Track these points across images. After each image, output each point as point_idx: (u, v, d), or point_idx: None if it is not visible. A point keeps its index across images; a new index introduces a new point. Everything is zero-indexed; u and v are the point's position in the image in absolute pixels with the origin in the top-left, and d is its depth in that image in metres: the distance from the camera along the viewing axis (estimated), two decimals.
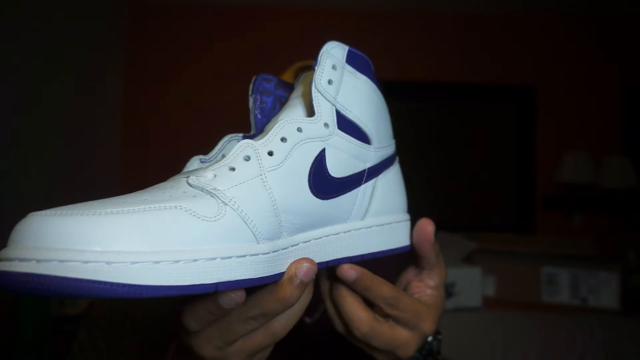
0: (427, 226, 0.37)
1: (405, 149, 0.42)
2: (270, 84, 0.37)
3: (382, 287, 0.35)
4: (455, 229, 1.84)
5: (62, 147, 1.91)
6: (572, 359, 1.40)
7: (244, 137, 0.36)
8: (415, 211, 0.41)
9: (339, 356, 0.50)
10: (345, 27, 2.53)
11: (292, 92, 0.38)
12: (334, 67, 0.34)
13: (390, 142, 0.39)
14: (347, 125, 0.35)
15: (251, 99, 0.36)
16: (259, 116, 0.36)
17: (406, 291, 0.40)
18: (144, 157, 2.47)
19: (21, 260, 0.23)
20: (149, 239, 0.24)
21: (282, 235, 0.30)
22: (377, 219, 0.37)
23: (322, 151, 0.33)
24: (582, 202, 2.53)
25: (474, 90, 2.60)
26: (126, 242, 0.24)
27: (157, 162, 2.34)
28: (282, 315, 0.32)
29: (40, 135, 1.78)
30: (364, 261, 0.36)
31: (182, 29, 2.56)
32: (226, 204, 0.28)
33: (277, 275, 0.30)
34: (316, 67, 0.34)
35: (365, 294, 0.35)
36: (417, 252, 0.39)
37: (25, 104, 1.69)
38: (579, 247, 1.71)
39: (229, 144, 0.36)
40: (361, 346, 0.37)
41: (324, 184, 0.33)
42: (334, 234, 0.34)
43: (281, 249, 0.30)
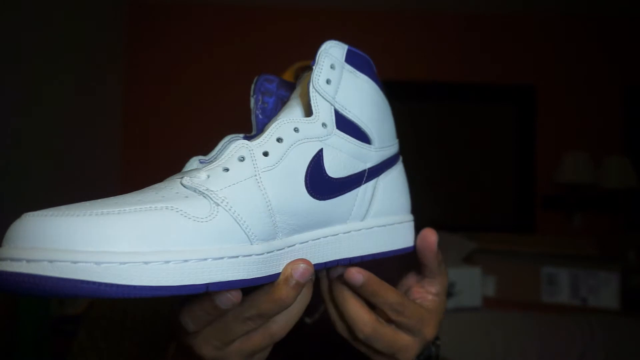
0: (430, 236, 0.37)
1: (405, 149, 0.41)
2: (272, 84, 0.37)
3: (388, 292, 0.35)
4: (455, 229, 1.84)
5: (62, 147, 1.91)
6: (572, 359, 1.40)
7: (245, 138, 0.36)
8: (415, 211, 0.40)
9: (339, 356, 0.50)
10: (345, 27, 2.53)
11: (293, 92, 0.38)
12: (333, 66, 0.34)
13: (392, 142, 0.38)
14: (346, 125, 0.34)
15: (252, 100, 0.36)
16: (260, 116, 0.36)
17: (407, 296, 0.40)
18: (144, 157, 2.47)
19: (12, 260, 0.23)
20: (138, 240, 0.24)
21: (277, 236, 0.30)
22: (379, 219, 0.36)
23: (320, 151, 0.33)
24: (582, 202, 2.53)
25: (474, 90, 2.60)
26: (115, 242, 0.24)
27: (157, 162, 2.34)
28: (281, 316, 0.32)
29: (40, 135, 1.78)
30: (364, 263, 0.36)
31: (182, 29, 2.56)
32: (218, 205, 0.28)
33: (272, 276, 0.30)
34: (314, 67, 0.34)
35: (371, 299, 0.35)
36: (419, 260, 0.39)
37: (25, 104, 1.69)
38: (579, 247, 1.70)
39: (229, 145, 0.36)
40: (362, 349, 0.37)
41: (322, 184, 0.32)
42: (333, 235, 0.34)
43: (276, 250, 0.30)
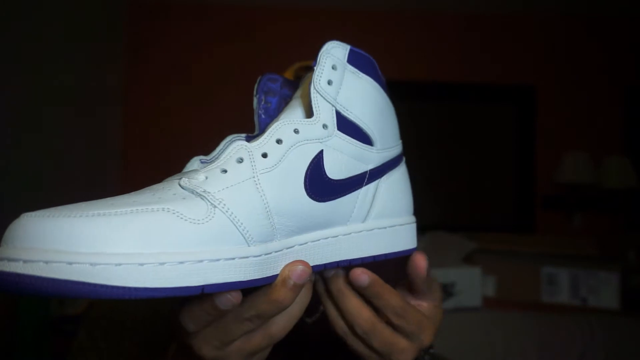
0: (420, 261, 0.37)
1: (405, 149, 0.41)
2: (275, 83, 0.37)
3: (391, 295, 0.36)
4: (455, 229, 1.84)
5: (62, 147, 1.91)
6: (572, 359, 1.40)
7: (247, 138, 0.36)
8: (415, 211, 0.40)
9: (339, 356, 0.50)
10: (345, 27, 2.53)
11: (295, 92, 0.38)
12: (334, 67, 0.34)
13: (395, 144, 0.38)
14: (347, 126, 0.34)
15: (255, 99, 0.36)
16: (263, 116, 0.35)
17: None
18: (144, 157, 2.47)
19: (9, 260, 0.23)
20: (133, 241, 0.24)
21: (275, 237, 0.30)
22: (380, 221, 0.36)
23: (320, 153, 0.32)
24: (582, 202, 2.53)
25: (474, 90, 2.60)
26: (111, 244, 0.24)
27: (157, 162, 2.34)
28: (280, 317, 0.32)
29: (40, 135, 1.78)
30: (364, 264, 0.36)
31: (182, 29, 2.56)
32: (215, 207, 0.28)
33: (270, 277, 0.30)
34: (315, 68, 0.33)
35: (373, 300, 0.36)
36: (410, 281, 0.39)
37: (25, 104, 1.69)
38: (579, 247, 1.70)
39: (229, 146, 0.36)
40: (359, 348, 0.37)
41: (322, 186, 0.32)
42: (333, 237, 0.34)
43: (274, 252, 0.30)
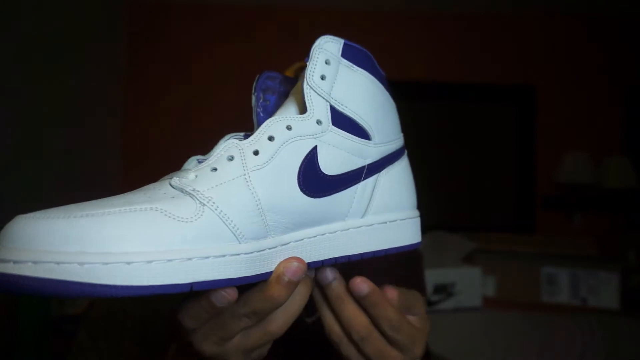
0: (390, 293, 0.36)
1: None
2: (274, 81, 0.36)
3: (388, 308, 0.35)
4: (455, 229, 1.84)
5: (62, 148, 1.91)
6: (572, 359, 1.40)
7: (246, 136, 0.36)
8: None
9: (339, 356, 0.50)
10: (345, 27, 2.52)
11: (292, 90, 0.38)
12: (327, 61, 0.33)
13: (395, 137, 0.37)
14: (343, 121, 0.34)
15: (254, 97, 0.36)
16: (262, 114, 0.35)
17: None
18: (144, 157, 2.47)
19: (0, 261, 0.23)
20: (121, 241, 0.25)
21: (269, 234, 0.30)
22: (380, 216, 0.36)
23: (314, 149, 0.32)
24: (582, 202, 2.52)
25: (474, 90, 2.60)
26: (98, 243, 0.24)
27: (158, 162, 2.34)
28: (279, 314, 0.32)
29: (40, 135, 1.78)
30: (353, 263, 0.35)
31: (182, 29, 2.56)
32: (204, 205, 0.28)
33: (265, 274, 0.30)
34: (308, 63, 0.33)
35: (370, 310, 0.35)
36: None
37: (25, 103, 1.69)
38: (579, 247, 1.70)
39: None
40: (352, 356, 0.37)
41: (316, 182, 0.32)
42: (331, 233, 0.33)
43: (268, 249, 0.30)
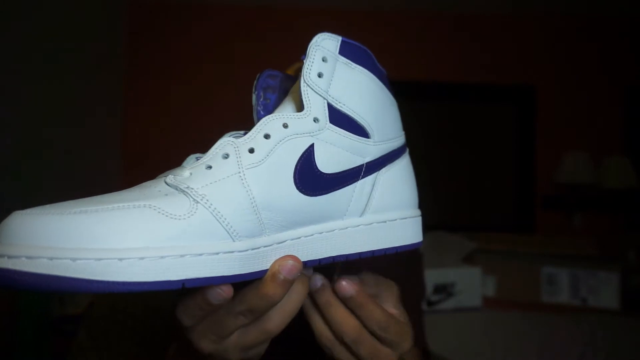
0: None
1: None
2: (275, 80, 0.36)
3: (375, 308, 0.35)
4: (455, 229, 1.84)
5: (62, 148, 1.91)
6: (572, 359, 1.40)
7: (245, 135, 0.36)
8: None
9: None
10: (345, 27, 2.52)
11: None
12: (325, 59, 0.33)
13: (396, 135, 0.37)
14: (341, 119, 0.33)
15: (254, 96, 0.36)
16: (262, 113, 0.35)
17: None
18: (144, 157, 2.47)
19: None
20: (113, 237, 0.25)
21: (264, 232, 0.30)
22: (379, 215, 0.35)
23: (311, 147, 0.32)
24: (582, 202, 2.52)
25: (474, 90, 2.60)
26: (91, 240, 0.25)
27: (158, 162, 2.34)
28: (275, 313, 0.32)
29: (40, 135, 1.78)
30: (356, 261, 0.35)
31: (182, 29, 2.56)
32: (198, 202, 0.28)
33: (259, 272, 0.30)
34: (305, 61, 0.33)
35: (357, 311, 0.35)
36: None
37: (25, 103, 1.69)
38: (579, 247, 1.70)
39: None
40: (342, 358, 0.37)
41: (313, 180, 0.32)
42: (328, 231, 0.33)
43: (263, 247, 0.30)
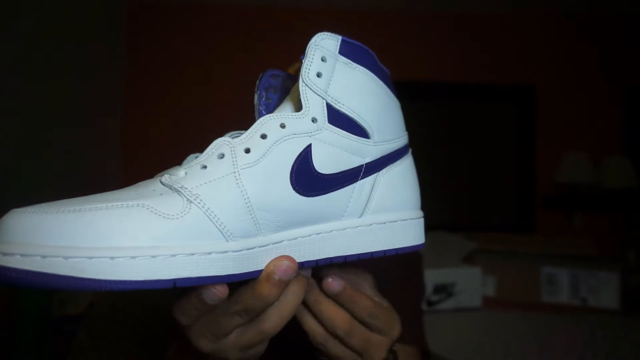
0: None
1: None
2: (277, 79, 0.36)
3: (363, 298, 0.36)
4: (455, 229, 1.84)
5: (62, 148, 1.91)
6: (572, 359, 1.40)
7: None
8: None
9: None
10: (345, 27, 2.52)
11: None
12: (324, 58, 0.33)
13: (396, 136, 0.37)
14: (340, 119, 0.33)
15: (256, 95, 0.36)
16: (264, 112, 0.35)
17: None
18: (144, 157, 2.47)
19: None
20: (106, 236, 0.25)
21: (260, 233, 0.30)
22: (379, 216, 0.35)
23: (308, 147, 0.32)
24: (582, 202, 2.52)
25: (474, 90, 2.60)
26: (84, 238, 0.25)
27: (158, 162, 2.34)
28: (272, 314, 0.32)
29: (40, 135, 1.78)
30: (365, 261, 0.35)
31: (182, 29, 2.56)
32: (191, 202, 0.28)
33: (254, 272, 0.30)
34: (303, 60, 0.33)
35: (347, 305, 0.35)
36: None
37: (25, 103, 1.69)
38: (579, 247, 1.70)
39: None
40: (339, 352, 0.37)
41: (310, 180, 0.32)
42: (327, 232, 0.33)
43: (259, 247, 0.30)
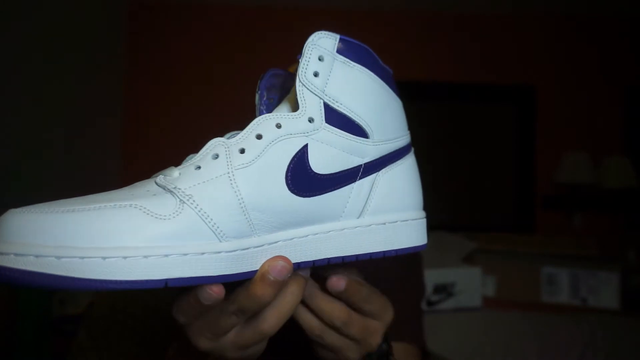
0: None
1: None
2: (279, 79, 0.36)
3: (361, 287, 0.36)
4: (455, 229, 1.84)
5: (62, 148, 1.91)
6: (572, 359, 1.40)
7: None
8: None
9: None
10: (345, 27, 2.52)
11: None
12: (321, 58, 0.32)
13: (398, 135, 0.36)
14: (338, 118, 0.33)
15: (257, 95, 0.35)
16: (265, 112, 0.35)
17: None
18: (144, 157, 2.47)
19: None
20: (97, 236, 0.26)
21: (254, 233, 0.30)
22: (378, 217, 0.35)
23: (304, 147, 0.32)
24: (582, 202, 2.53)
25: (474, 90, 2.60)
26: (76, 238, 0.25)
27: (158, 162, 2.34)
28: (270, 314, 0.32)
29: (40, 135, 1.78)
30: (364, 262, 0.35)
31: (182, 29, 2.56)
32: (184, 202, 0.28)
33: (248, 273, 0.30)
34: (300, 60, 0.32)
35: (349, 299, 0.36)
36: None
37: (25, 103, 1.69)
38: (579, 247, 1.70)
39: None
40: (337, 343, 0.37)
41: (306, 181, 0.31)
42: (324, 233, 0.33)
43: (253, 247, 0.30)
